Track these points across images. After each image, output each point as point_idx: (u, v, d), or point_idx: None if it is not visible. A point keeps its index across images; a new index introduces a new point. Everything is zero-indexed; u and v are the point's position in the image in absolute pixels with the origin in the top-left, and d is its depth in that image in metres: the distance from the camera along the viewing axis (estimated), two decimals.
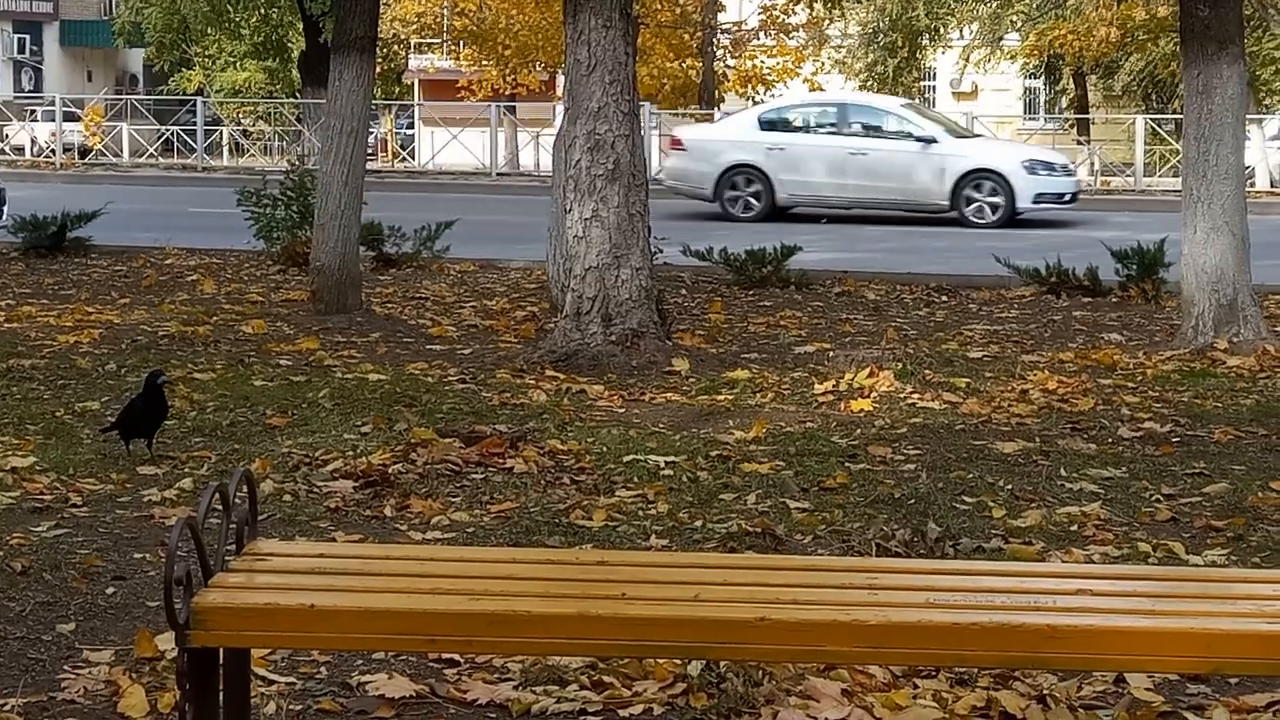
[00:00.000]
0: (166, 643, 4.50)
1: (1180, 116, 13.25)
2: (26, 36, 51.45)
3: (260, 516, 4.51)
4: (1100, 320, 12.36)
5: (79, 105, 38.97)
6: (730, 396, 8.92)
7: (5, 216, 16.65)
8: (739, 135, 23.55)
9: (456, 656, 4.62)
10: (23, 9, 51.63)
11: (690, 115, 34.33)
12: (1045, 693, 4.43)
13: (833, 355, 9.99)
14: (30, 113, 40.52)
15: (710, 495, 6.68)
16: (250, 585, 3.62)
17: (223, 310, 12.18)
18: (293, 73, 42.97)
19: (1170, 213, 13.86)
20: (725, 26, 37.27)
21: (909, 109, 25.01)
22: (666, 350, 10.07)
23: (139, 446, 7.22)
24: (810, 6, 34.71)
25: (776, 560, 4.73)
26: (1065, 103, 44.05)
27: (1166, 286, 13.15)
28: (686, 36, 35.09)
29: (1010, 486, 6.86)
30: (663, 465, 7.13)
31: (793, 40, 36.86)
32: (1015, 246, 16.24)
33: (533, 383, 9.22)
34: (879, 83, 42.47)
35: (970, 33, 42.62)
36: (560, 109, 11.63)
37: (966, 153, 23.03)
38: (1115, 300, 13.43)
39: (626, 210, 10.08)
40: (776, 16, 35.59)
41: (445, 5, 39.10)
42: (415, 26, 41.89)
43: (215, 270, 14.93)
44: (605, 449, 7.43)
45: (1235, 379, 9.53)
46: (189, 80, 46.77)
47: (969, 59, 42.05)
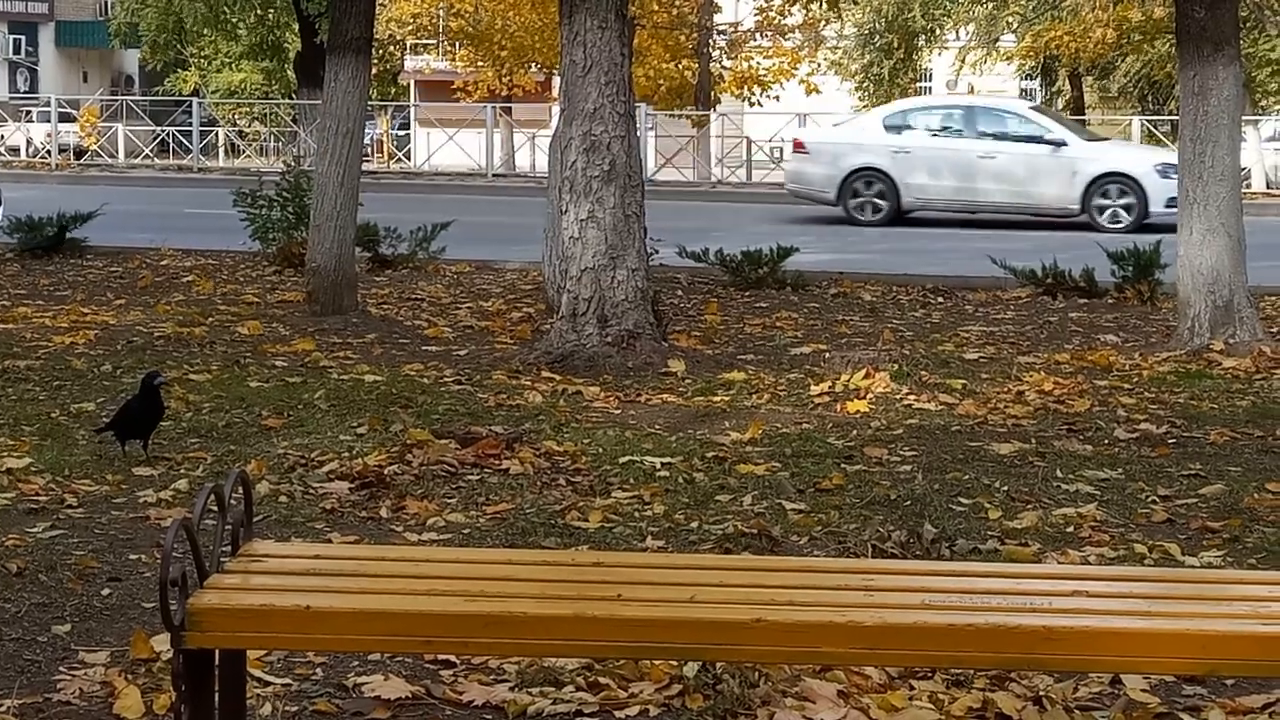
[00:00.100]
0: (162, 644, 4.49)
1: (1176, 118, 13.24)
2: (22, 37, 51.43)
3: (256, 518, 4.51)
4: (1096, 322, 12.36)
5: (74, 106, 38.92)
6: (726, 398, 8.91)
7: (1, 217, 16.62)
8: (863, 138, 22.93)
9: (452, 658, 4.62)
10: (18, 9, 51.62)
11: (686, 117, 34.35)
12: (1041, 694, 4.43)
13: (829, 356, 9.98)
14: (25, 113, 40.50)
15: (706, 496, 6.68)
16: (246, 586, 3.62)
17: (218, 311, 12.17)
18: (289, 73, 42.94)
19: None
20: (721, 28, 37.28)
21: (1036, 111, 24.53)
22: (662, 351, 10.06)
23: (134, 448, 7.21)
24: (807, 7, 34.70)
25: (772, 562, 4.73)
26: (1061, 104, 44.01)
27: (1162, 288, 13.16)
28: (682, 38, 35.07)
29: (1006, 488, 6.86)
30: (659, 466, 7.13)
31: (789, 41, 36.86)
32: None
33: (528, 384, 9.22)
34: (875, 84, 42.49)
35: (966, 34, 42.62)
36: (556, 110, 11.62)
37: (1098, 156, 22.23)
38: (1111, 302, 13.44)
39: (622, 211, 10.08)
40: (772, 18, 35.59)
41: (441, 6, 39.07)
42: (411, 28, 41.85)
43: (211, 271, 14.92)
44: (601, 450, 7.43)
45: (1231, 380, 9.54)
46: (184, 81, 46.73)
47: (965, 60, 42.06)
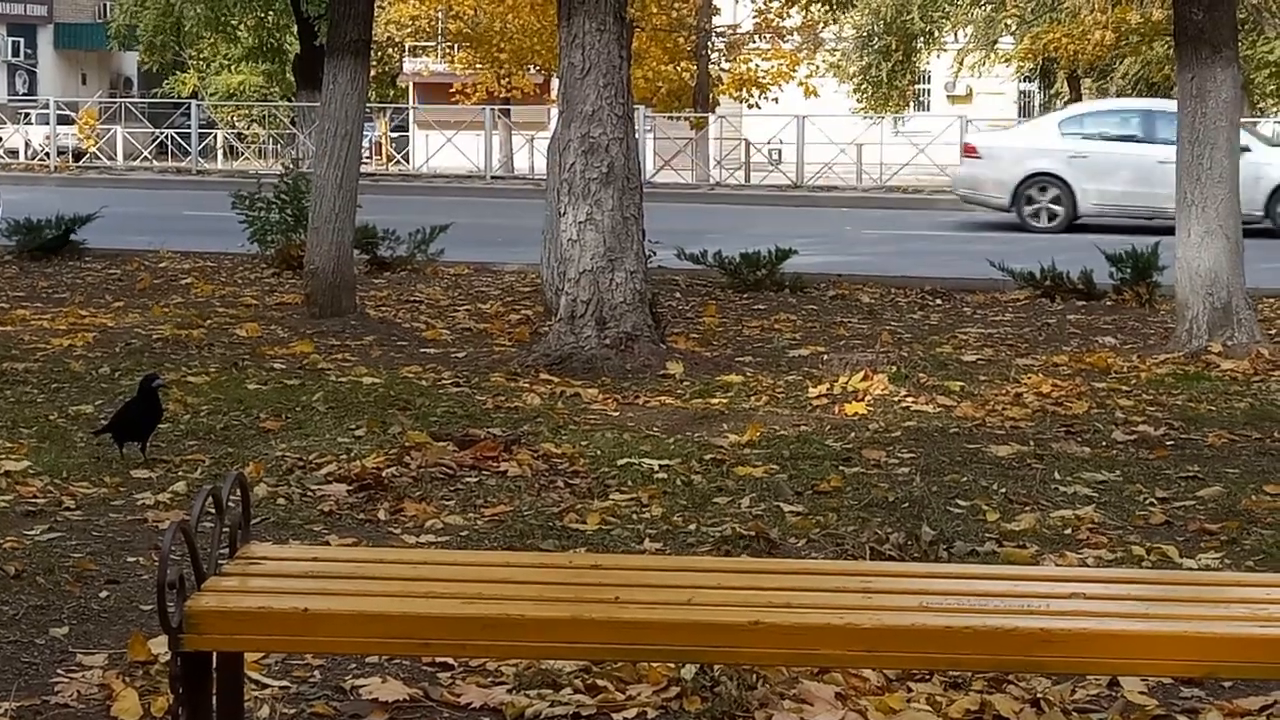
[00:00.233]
0: (160, 646, 4.49)
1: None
2: (21, 39, 51.45)
3: (253, 520, 4.50)
4: (1094, 324, 12.36)
5: (73, 108, 38.94)
6: (724, 400, 8.91)
7: None
8: (1039, 142, 22.46)
9: (450, 660, 4.62)
10: (17, 12, 51.63)
11: (685, 119, 34.36)
12: (1039, 696, 4.43)
13: (827, 359, 9.98)
14: (24, 116, 40.53)
15: (704, 499, 6.67)
16: (244, 589, 3.62)
17: (217, 314, 12.17)
18: (289, 76, 42.97)
19: None
20: (720, 30, 37.31)
21: None
22: (661, 354, 10.06)
23: (132, 450, 7.21)
24: (806, 9, 34.73)
25: (770, 564, 4.73)
26: (1060, 106, 44.08)
27: (1161, 290, 13.16)
28: (681, 40, 35.11)
29: (1004, 490, 6.86)
30: (657, 469, 7.12)
31: (787, 44, 36.89)
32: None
33: (527, 386, 9.21)
34: (873, 86, 42.54)
35: (965, 36, 42.67)
36: (555, 112, 11.61)
37: None
38: (1110, 304, 13.44)
39: (621, 214, 10.08)
40: (771, 20, 35.62)
41: (440, 8, 39.10)
42: (410, 30, 41.91)
43: (209, 274, 14.92)
44: (599, 452, 7.42)
45: (1229, 382, 9.54)
46: (183, 83, 46.74)
47: (963, 62, 42.12)
